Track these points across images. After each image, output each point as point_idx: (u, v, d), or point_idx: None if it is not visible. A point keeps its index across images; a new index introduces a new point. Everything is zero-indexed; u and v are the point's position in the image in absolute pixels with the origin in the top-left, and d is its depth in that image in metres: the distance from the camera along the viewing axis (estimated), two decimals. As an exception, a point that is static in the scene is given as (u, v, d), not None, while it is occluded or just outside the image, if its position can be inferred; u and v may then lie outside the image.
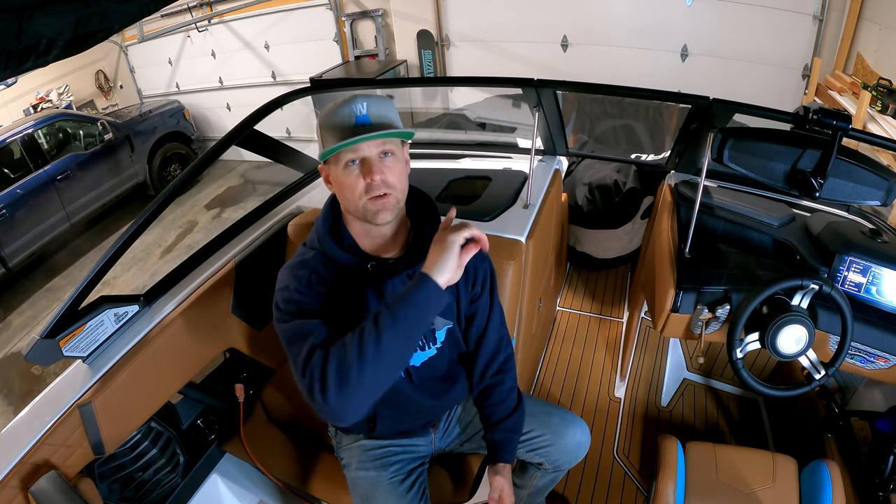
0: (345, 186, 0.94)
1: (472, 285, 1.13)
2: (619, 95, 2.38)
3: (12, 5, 0.55)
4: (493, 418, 1.17)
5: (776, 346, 1.29)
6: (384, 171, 0.93)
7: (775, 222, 1.59)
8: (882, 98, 2.82)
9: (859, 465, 1.51)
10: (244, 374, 1.74)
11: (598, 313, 2.61)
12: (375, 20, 5.24)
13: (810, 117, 1.24)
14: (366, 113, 0.91)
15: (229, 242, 1.65)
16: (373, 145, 0.92)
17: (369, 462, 1.21)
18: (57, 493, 1.08)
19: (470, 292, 1.14)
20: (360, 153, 0.92)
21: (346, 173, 0.93)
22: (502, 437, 1.15)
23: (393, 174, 0.94)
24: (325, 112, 0.95)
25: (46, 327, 1.17)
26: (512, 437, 1.16)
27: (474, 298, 1.15)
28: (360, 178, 0.92)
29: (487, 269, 1.16)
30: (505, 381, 1.19)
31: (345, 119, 0.92)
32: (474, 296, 1.15)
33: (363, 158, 0.92)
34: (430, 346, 1.14)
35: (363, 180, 0.92)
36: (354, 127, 0.91)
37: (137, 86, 7.23)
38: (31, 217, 4.83)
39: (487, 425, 1.18)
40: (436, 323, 1.12)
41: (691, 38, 4.13)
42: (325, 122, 0.94)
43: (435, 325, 1.12)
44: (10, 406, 3.39)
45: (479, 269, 1.13)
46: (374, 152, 0.92)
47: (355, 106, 0.92)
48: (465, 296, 1.13)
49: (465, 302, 1.14)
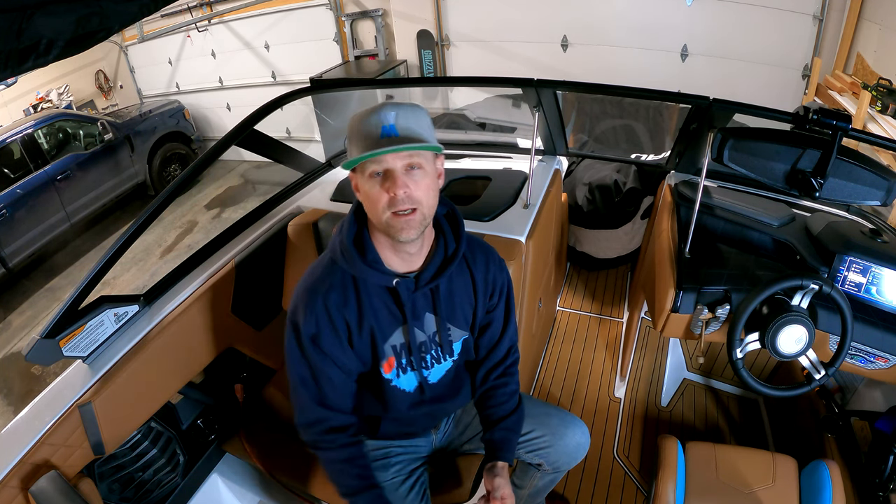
0: (368, 198, 0.92)
1: (490, 296, 1.13)
2: (619, 95, 2.38)
3: (12, 5, 0.55)
4: (493, 418, 1.17)
5: (776, 346, 1.29)
6: (409, 186, 0.89)
7: (775, 222, 1.59)
8: (882, 98, 2.82)
9: (859, 465, 1.51)
10: (244, 374, 1.74)
11: (598, 313, 2.61)
12: (375, 20, 5.24)
13: (810, 117, 1.24)
14: (393, 123, 0.87)
15: (229, 242, 1.65)
16: (398, 158, 0.88)
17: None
18: (57, 493, 1.08)
19: (488, 303, 1.13)
20: (384, 165, 0.89)
21: (371, 185, 0.90)
22: (501, 436, 1.15)
23: (419, 189, 0.90)
24: (355, 118, 0.91)
25: (46, 327, 1.17)
26: (511, 437, 1.16)
27: (491, 309, 1.15)
28: (384, 191, 0.89)
29: (506, 280, 1.15)
30: (509, 384, 1.19)
31: (372, 128, 0.88)
32: (491, 306, 1.14)
33: (387, 170, 0.89)
34: (447, 359, 1.13)
35: (386, 194, 0.89)
36: (380, 138, 0.87)
37: (137, 86, 7.23)
38: (31, 217, 4.83)
39: (487, 424, 1.18)
40: (453, 335, 1.11)
41: (691, 38, 4.13)
42: (354, 128, 0.90)
43: (452, 337, 1.11)
44: (10, 406, 3.39)
45: (497, 280, 1.12)
46: (398, 165, 0.88)
47: (384, 115, 0.88)
48: (483, 307, 1.13)
49: (482, 313, 1.13)
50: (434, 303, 1.06)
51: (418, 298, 1.04)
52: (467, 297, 1.10)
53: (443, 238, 1.04)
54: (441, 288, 1.05)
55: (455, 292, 1.08)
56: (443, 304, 1.06)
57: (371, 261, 0.99)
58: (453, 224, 1.07)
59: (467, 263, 1.09)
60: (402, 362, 1.08)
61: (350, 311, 1.01)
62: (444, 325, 1.08)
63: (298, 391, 1.05)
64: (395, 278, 1.00)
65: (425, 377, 1.12)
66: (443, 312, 1.07)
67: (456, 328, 1.11)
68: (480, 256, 1.11)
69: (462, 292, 1.09)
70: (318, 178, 2.06)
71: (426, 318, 1.07)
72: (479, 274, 1.10)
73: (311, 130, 5.72)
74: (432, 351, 1.10)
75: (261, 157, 1.88)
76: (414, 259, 1.02)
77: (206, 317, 1.48)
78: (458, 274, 1.08)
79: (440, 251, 1.03)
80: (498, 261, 1.14)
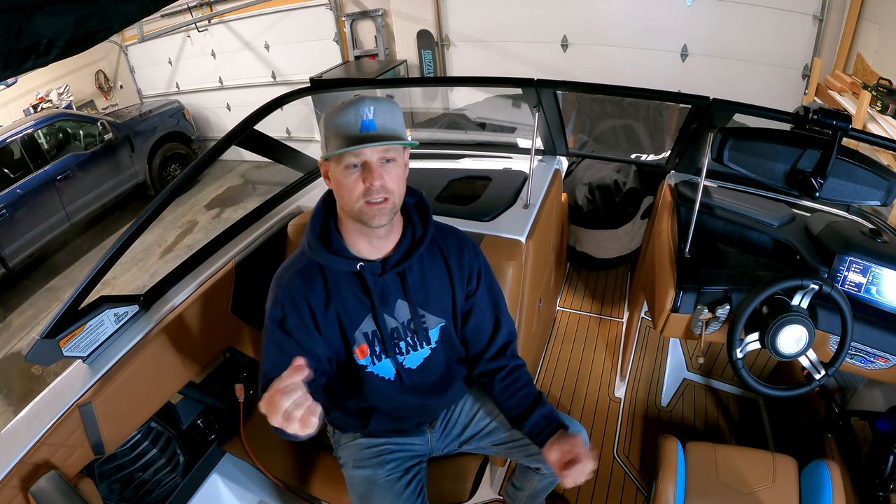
0: (343, 187, 0.96)
1: (466, 282, 1.15)
2: (619, 95, 2.38)
3: (12, 5, 0.55)
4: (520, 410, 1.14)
5: (776, 346, 1.29)
6: (384, 177, 0.94)
7: (775, 222, 1.59)
8: (882, 98, 2.82)
9: (859, 465, 1.50)
10: (244, 374, 1.74)
11: (598, 313, 2.61)
12: (375, 20, 5.24)
13: (810, 117, 1.24)
14: (371, 118, 0.92)
15: (229, 242, 1.65)
16: (375, 151, 0.93)
17: (366, 460, 1.22)
18: (57, 493, 1.08)
19: (465, 289, 1.15)
20: (362, 157, 0.93)
21: (346, 174, 0.95)
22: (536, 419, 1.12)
23: (392, 179, 0.95)
24: (330, 111, 0.95)
25: (46, 327, 1.17)
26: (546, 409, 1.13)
27: (470, 294, 1.16)
28: (360, 181, 0.94)
29: (481, 263, 1.17)
30: (520, 378, 1.18)
31: (350, 123, 0.92)
32: (470, 291, 1.16)
33: (364, 162, 0.94)
34: (424, 346, 1.14)
35: (362, 184, 0.94)
36: (359, 132, 0.92)
37: (137, 86, 7.22)
38: (31, 217, 4.83)
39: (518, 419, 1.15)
40: (428, 321, 1.13)
41: (691, 39, 4.13)
42: (331, 121, 0.95)
43: (428, 324, 1.13)
44: (10, 406, 3.39)
45: (472, 265, 1.15)
46: (375, 157, 0.93)
47: (362, 110, 0.92)
48: (461, 293, 1.14)
49: (461, 299, 1.15)
50: (405, 289, 1.08)
51: (387, 284, 1.07)
52: (443, 284, 1.12)
53: (411, 226, 1.08)
54: (413, 274, 1.08)
55: (428, 279, 1.10)
56: (414, 291, 1.09)
57: (336, 249, 1.04)
58: (421, 212, 1.11)
59: (440, 250, 1.12)
60: (375, 349, 1.10)
61: (315, 297, 1.04)
62: (416, 311, 1.10)
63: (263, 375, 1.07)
64: (360, 262, 1.03)
65: (401, 363, 1.13)
66: (415, 299, 1.09)
67: (431, 315, 1.12)
68: (453, 242, 1.14)
69: (436, 280, 1.11)
70: (318, 178, 2.06)
71: (398, 305, 1.09)
72: (453, 260, 1.12)
73: (311, 130, 5.73)
74: (407, 338, 1.12)
75: (261, 157, 1.88)
76: (382, 244, 1.05)
77: (205, 317, 1.48)
78: (431, 262, 1.11)
79: (408, 237, 1.07)
80: (472, 246, 1.16)
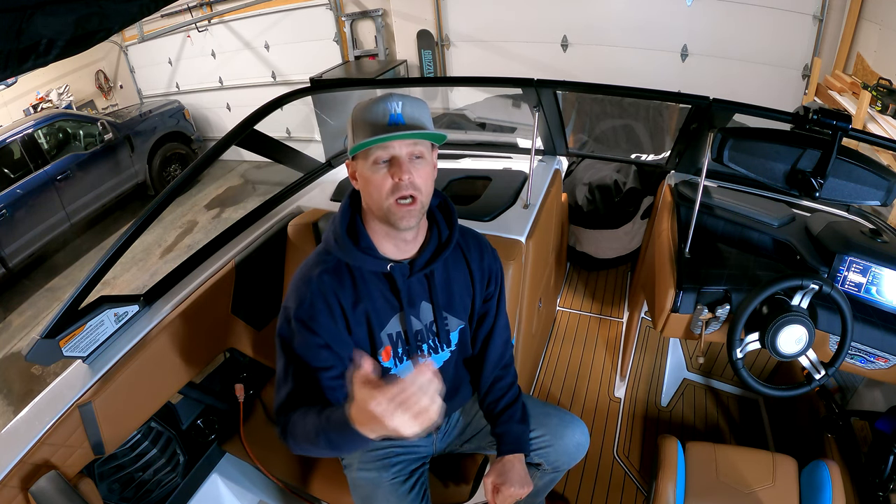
0: (371, 184, 0.93)
1: (487, 284, 1.14)
2: (619, 95, 2.38)
3: (12, 5, 0.55)
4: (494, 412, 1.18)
5: (776, 346, 1.29)
6: (412, 173, 0.92)
7: (775, 222, 1.59)
8: (882, 98, 2.82)
9: (859, 465, 1.50)
10: (244, 374, 1.74)
11: (598, 313, 2.61)
12: (375, 20, 5.24)
13: (810, 117, 1.24)
14: (400, 112, 0.91)
15: (229, 242, 1.65)
16: (404, 145, 0.91)
17: (371, 463, 1.21)
18: (57, 493, 1.08)
19: (485, 292, 1.15)
20: (390, 151, 0.91)
21: (374, 170, 0.92)
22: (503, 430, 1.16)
23: (421, 177, 0.93)
24: (359, 107, 0.94)
25: (46, 327, 1.17)
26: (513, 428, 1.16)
27: (488, 298, 1.16)
28: (388, 176, 0.91)
29: (499, 269, 1.17)
30: (504, 377, 1.21)
31: (378, 116, 0.91)
32: (488, 295, 1.16)
33: (393, 157, 0.91)
34: (444, 349, 1.14)
35: (391, 179, 0.91)
36: (388, 125, 0.90)
37: (137, 86, 7.22)
38: (31, 217, 4.83)
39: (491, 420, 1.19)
40: (450, 324, 1.12)
41: (691, 38, 4.13)
42: (359, 117, 0.93)
43: (449, 327, 1.12)
44: (10, 406, 3.39)
45: (493, 268, 1.15)
46: (404, 152, 0.91)
47: (391, 104, 0.91)
48: (481, 295, 1.14)
49: (480, 301, 1.15)
50: (430, 291, 1.07)
51: (414, 286, 1.05)
52: (465, 287, 1.12)
53: (436, 227, 1.07)
54: (437, 276, 1.07)
55: (452, 282, 1.10)
56: (439, 293, 1.08)
57: (365, 247, 1.00)
58: (446, 213, 1.09)
59: (463, 253, 1.11)
60: (398, 351, 1.09)
61: (345, 294, 1.00)
62: (440, 313, 1.09)
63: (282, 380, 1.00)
64: (390, 263, 1.01)
65: None
66: (439, 301, 1.08)
67: (453, 317, 1.12)
68: (473, 244, 1.14)
69: (459, 282, 1.11)
70: (318, 178, 2.06)
71: (422, 307, 1.08)
72: (475, 262, 1.12)
73: (311, 130, 5.73)
74: (429, 340, 1.11)
75: (261, 157, 1.88)
76: (409, 247, 1.03)
77: (205, 317, 1.48)
78: (454, 264, 1.10)
79: (434, 239, 1.06)
80: (490, 249, 1.16)
